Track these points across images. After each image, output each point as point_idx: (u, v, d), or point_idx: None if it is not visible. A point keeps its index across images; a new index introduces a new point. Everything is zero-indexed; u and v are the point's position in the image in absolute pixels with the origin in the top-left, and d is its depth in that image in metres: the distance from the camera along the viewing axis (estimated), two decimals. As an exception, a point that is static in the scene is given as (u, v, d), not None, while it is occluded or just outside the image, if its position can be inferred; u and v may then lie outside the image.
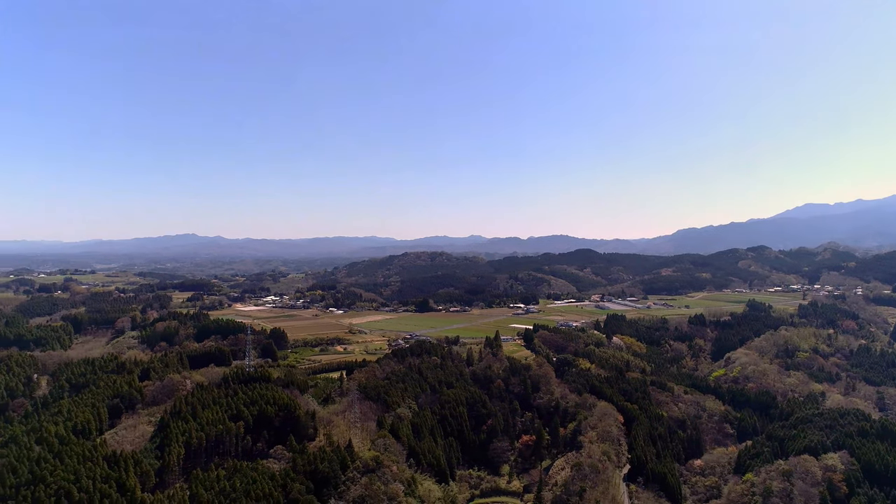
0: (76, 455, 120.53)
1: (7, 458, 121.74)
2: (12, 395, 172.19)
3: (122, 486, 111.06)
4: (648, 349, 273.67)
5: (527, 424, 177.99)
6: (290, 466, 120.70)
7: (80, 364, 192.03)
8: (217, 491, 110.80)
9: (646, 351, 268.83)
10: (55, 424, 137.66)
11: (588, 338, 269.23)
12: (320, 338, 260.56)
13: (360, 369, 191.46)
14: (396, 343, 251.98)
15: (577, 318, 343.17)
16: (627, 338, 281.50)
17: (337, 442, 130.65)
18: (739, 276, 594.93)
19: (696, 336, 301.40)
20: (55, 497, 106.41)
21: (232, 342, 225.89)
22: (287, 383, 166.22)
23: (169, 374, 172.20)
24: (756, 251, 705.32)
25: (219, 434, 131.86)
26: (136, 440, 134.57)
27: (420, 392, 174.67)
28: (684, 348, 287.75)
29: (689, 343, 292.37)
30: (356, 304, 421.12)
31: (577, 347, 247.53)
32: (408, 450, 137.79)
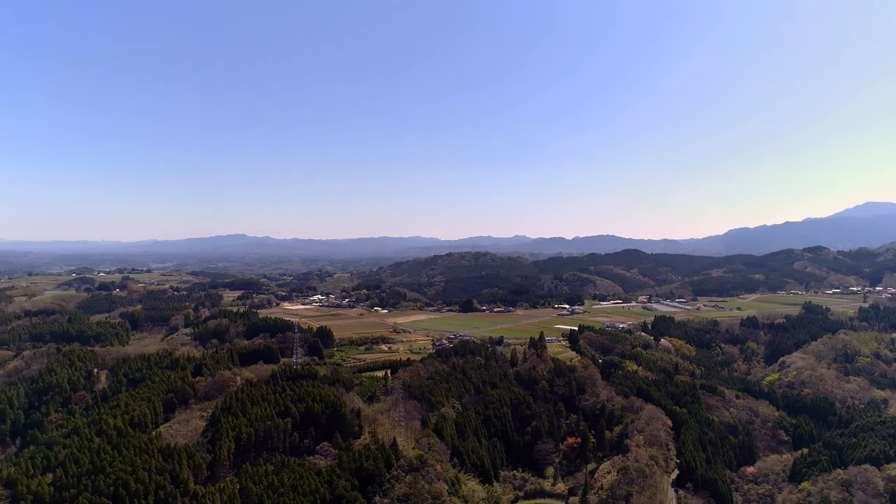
0: (133, 447, 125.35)
1: (70, 449, 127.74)
2: (74, 388, 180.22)
3: (176, 478, 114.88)
4: (698, 352, 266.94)
5: (572, 427, 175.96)
6: (335, 463, 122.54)
7: (136, 360, 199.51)
8: (266, 485, 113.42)
9: (695, 354, 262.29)
10: (114, 417, 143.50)
11: (635, 339, 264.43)
12: (365, 337, 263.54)
13: (404, 368, 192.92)
14: (440, 343, 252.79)
15: (624, 320, 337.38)
16: (676, 340, 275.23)
17: (382, 440, 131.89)
18: (795, 278, 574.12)
19: (749, 339, 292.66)
20: (114, 487, 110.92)
21: (280, 340, 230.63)
22: (333, 381, 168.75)
23: (220, 371, 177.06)
24: (813, 252, 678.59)
25: (267, 430, 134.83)
26: (188, 434, 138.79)
27: (464, 392, 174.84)
28: (736, 351, 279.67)
29: (741, 346, 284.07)
30: (400, 303, 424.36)
31: (624, 349, 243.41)
32: (452, 449, 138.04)
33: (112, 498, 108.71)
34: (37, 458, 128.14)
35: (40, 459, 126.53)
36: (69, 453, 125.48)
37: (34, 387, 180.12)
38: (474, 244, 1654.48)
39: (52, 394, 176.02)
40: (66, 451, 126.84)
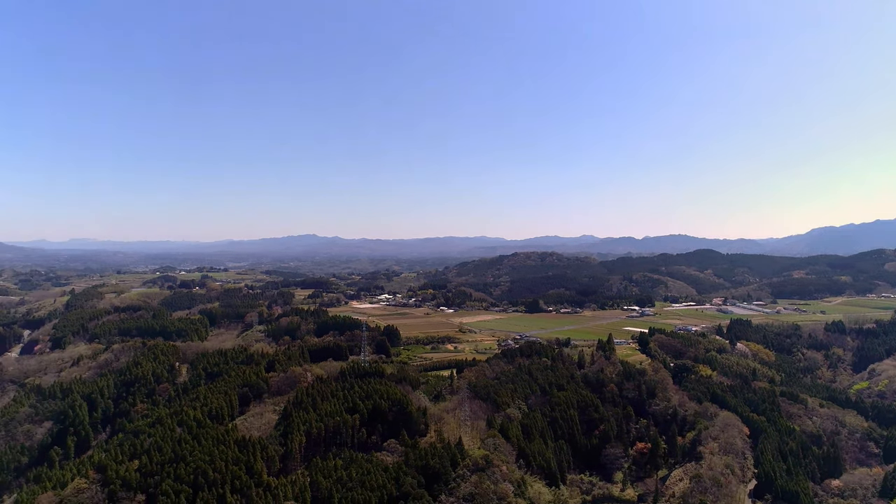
0: (211, 438, 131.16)
1: (154, 438, 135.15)
2: (158, 380, 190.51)
3: (251, 469, 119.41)
4: (778, 357, 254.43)
5: (641, 431, 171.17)
6: (402, 460, 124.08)
7: (214, 354, 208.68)
8: (335, 479, 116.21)
9: (774, 359, 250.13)
10: (194, 409, 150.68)
11: (709, 343, 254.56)
12: (431, 336, 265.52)
13: (469, 368, 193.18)
14: (506, 343, 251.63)
15: (697, 322, 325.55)
16: (753, 344, 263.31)
17: (447, 439, 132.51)
18: (886, 280, 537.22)
19: (834, 345, 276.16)
20: (193, 475, 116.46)
21: (348, 338, 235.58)
22: (400, 379, 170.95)
23: (291, 367, 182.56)
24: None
25: (336, 425, 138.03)
26: (262, 427, 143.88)
27: (530, 393, 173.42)
28: (819, 358, 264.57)
29: (826, 352, 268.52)
30: (466, 303, 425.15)
31: (697, 353, 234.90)
32: (517, 451, 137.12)
33: (192, 486, 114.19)
34: (124, 445, 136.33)
35: (128, 446, 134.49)
36: (153, 442, 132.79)
37: (122, 378, 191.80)
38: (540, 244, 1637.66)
39: (138, 385, 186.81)
40: (151, 440, 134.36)
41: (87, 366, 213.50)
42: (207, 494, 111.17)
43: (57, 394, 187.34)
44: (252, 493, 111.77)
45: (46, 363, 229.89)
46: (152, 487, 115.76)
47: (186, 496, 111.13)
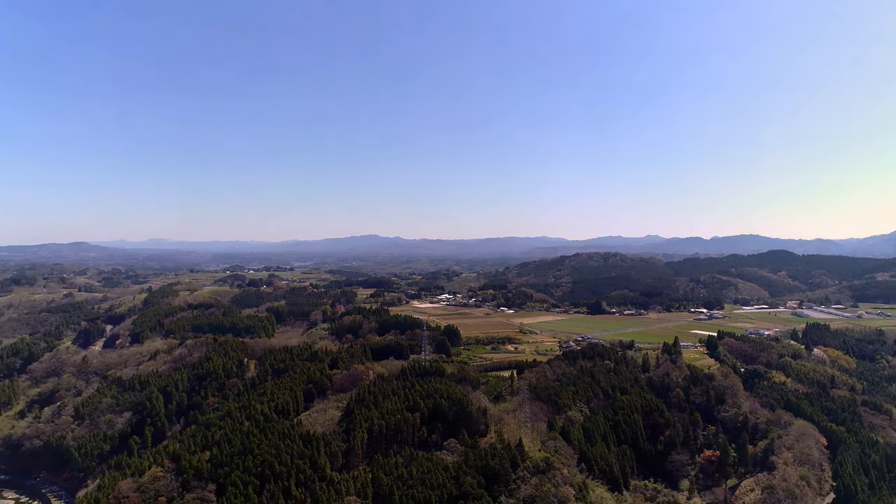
0: (277, 432, 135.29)
1: (224, 430, 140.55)
2: (228, 375, 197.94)
3: (315, 464, 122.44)
4: (859, 364, 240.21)
5: (709, 438, 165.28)
6: (462, 460, 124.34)
7: (280, 351, 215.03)
8: (395, 476, 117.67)
9: (856, 366, 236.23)
10: (261, 403, 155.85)
11: (783, 348, 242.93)
12: (491, 336, 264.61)
13: (530, 369, 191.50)
14: (567, 344, 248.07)
15: (770, 326, 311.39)
16: (832, 350, 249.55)
17: (507, 440, 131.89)
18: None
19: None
20: (260, 468, 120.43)
21: (409, 337, 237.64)
22: (460, 379, 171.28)
23: (354, 365, 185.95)
24: None
25: (397, 423, 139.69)
26: (326, 423, 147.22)
27: (592, 396, 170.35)
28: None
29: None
30: (527, 304, 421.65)
31: (770, 358, 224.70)
32: (579, 454, 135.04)
33: (259, 478, 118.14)
34: (197, 437, 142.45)
35: (200, 438, 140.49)
36: (223, 434, 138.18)
37: (195, 372, 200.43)
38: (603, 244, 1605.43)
39: (209, 379, 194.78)
40: (221, 432, 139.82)
41: (163, 360, 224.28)
42: (274, 487, 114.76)
43: (136, 386, 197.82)
44: (316, 487, 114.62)
45: (126, 357, 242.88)
46: (222, 478, 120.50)
47: (254, 488, 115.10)
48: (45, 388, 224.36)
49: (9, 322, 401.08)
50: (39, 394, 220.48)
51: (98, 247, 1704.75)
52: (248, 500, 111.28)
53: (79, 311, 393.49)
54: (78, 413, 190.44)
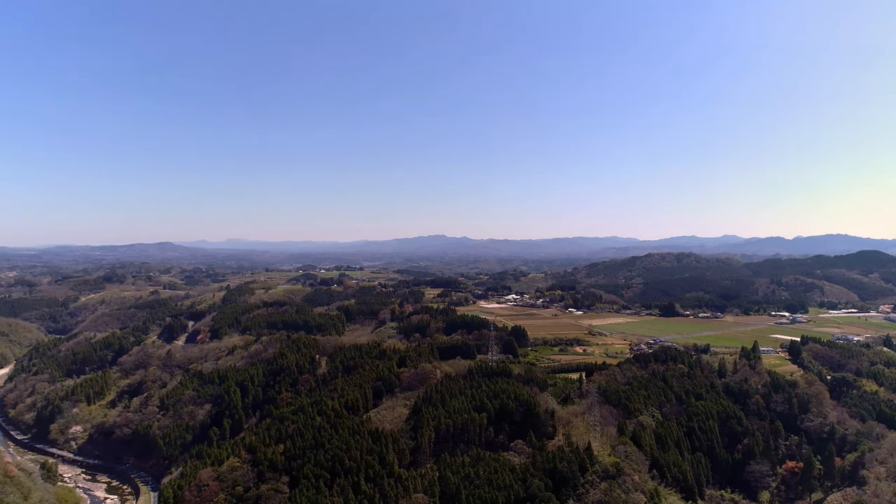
0: (347, 428, 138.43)
1: (297, 424, 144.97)
2: (301, 371, 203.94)
3: (383, 460, 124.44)
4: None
5: (792, 449, 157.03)
6: (529, 461, 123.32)
7: (350, 349, 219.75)
8: (462, 476, 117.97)
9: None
10: (332, 399, 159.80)
11: (875, 355, 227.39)
12: (559, 337, 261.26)
13: (599, 372, 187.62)
14: (638, 347, 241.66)
15: (860, 332, 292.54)
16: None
17: (576, 443, 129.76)
18: None
19: None
20: (331, 462, 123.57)
21: (476, 337, 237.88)
22: (527, 380, 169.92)
23: (421, 364, 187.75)
24: None
25: (464, 423, 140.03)
26: (394, 420, 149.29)
27: (664, 401, 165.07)
28: None
29: None
30: (596, 305, 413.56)
31: (860, 366, 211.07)
32: (650, 460, 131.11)
33: (330, 471, 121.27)
34: (271, 430, 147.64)
35: (274, 431, 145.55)
36: (296, 428, 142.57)
37: (269, 368, 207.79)
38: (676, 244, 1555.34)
39: (283, 375, 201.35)
40: (294, 426, 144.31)
41: (240, 355, 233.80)
42: (344, 481, 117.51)
43: (215, 379, 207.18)
44: (384, 484, 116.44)
45: (206, 351, 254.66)
46: (295, 470, 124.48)
47: (325, 481, 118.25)
48: (133, 379, 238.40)
49: (101, 317, 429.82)
50: (129, 385, 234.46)
51: (181, 247, 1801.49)
52: (320, 493, 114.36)
53: (164, 308, 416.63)
54: (163, 404, 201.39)
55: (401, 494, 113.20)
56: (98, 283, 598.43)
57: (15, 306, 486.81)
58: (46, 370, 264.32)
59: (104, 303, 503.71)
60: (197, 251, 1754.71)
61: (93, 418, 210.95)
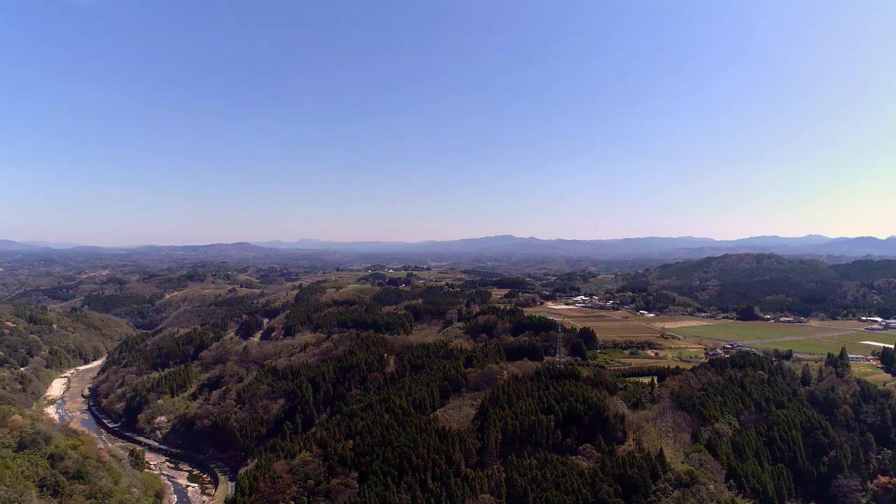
0: (414, 426, 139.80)
1: (366, 421, 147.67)
2: (369, 368, 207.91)
3: (450, 459, 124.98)
4: None
5: (885, 463, 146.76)
6: (598, 466, 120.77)
7: (418, 348, 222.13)
8: (530, 478, 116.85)
9: None
10: (399, 398, 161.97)
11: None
12: (630, 340, 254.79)
13: (672, 376, 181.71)
14: (714, 352, 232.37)
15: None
16: None
17: (647, 449, 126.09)
18: None
19: None
20: (399, 459, 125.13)
21: (543, 338, 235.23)
22: (596, 383, 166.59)
23: (488, 364, 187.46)
24: None
25: (531, 424, 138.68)
26: (460, 420, 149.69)
27: (742, 408, 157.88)
28: None
29: None
30: (668, 307, 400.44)
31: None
32: (727, 470, 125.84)
33: (398, 468, 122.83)
34: (341, 426, 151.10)
35: (344, 427, 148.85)
36: (365, 425, 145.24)
37: (339, 365, 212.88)
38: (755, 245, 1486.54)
39: (352, 372, 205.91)
40: (363, 423, 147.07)
41: (311, 352, 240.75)
42: (411, 479, 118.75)
43: (288, 375, 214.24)
44: (451, 483, 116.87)
45: (280, 348, 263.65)
46: (364, 466, 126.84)
47: (392, 478, 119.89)
48: (212, 373, 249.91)
49: (184, 313, 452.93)
50: (208, 378, 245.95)
51: (257, 247, 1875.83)
52: (388, 490, 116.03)
53: (240, 305, 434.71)
54: (240, 397, 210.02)
55: (467, 494, 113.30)
56: (181, 282, 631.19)
57: (107, 302, 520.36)
58: (134, 363, 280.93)
59: (186, 300, 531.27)
60: (271, 251, 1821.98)
61: (176, 409, 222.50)
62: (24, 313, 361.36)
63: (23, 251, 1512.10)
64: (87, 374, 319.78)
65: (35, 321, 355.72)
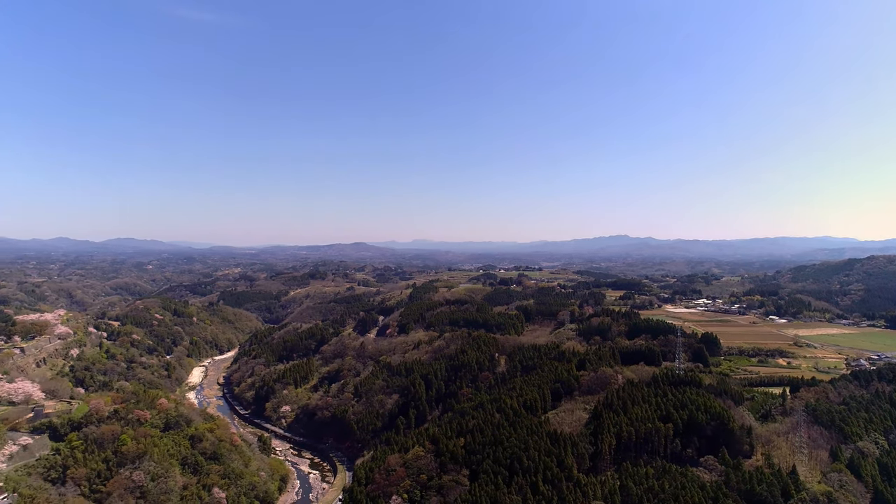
0: (525, 427, 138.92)
1: (477, 420, 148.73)
2: (480, 368, 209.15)
3: (562, 463, 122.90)
4: None
5: None
6: (721, 480, 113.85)
7: (529, 349, 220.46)
8: (645, 488, 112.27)
9: None
10: (510, 398, 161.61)
11: None
12: (758, 347, 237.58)
13: (807, 388, 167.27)
14: (857, 363, 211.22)
15: None
16: None
17: (777, 465, 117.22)
18: None
19: None
20: (509, 460, 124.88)
21: (661, 343, 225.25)
22: (719, 392, 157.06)
23: (602, 367, 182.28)
24: None
25: (648, 432, 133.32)
26: (573, 423, 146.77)
27: (892, 426, 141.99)
28: None
29: None
30: (803, 313, 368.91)
31: None
32: (872, 493, 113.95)
33: (508, 469, 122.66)
34: (453, 423, 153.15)
35: (455, 425, 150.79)
36: (476, 424, 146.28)
37: (451, 363, 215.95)
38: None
39: (464, 371, 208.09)
40: (474, 422, 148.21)
41: (424, 350, 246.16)
42: (522, 480, 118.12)
43: (402, 371, 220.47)
44: (563, 487, 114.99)
45: (395, 345, 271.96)
46: (475, 465, 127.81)
47: (503, 478, 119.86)
48: (332, 367, 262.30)
49: (306, 310, 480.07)
50: (328, 372, 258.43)
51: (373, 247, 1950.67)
52: (498, 490, 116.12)
53: (358, 303, 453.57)
54: (357, 391, 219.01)
55: (579, 500, 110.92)
56: (304, 279, 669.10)
57: (239, 298, 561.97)
58: (262, 355, 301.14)
59: (308, 297, 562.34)
60: (386, 251, 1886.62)
61: (299, 400, 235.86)
62: (170, 307, 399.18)
63: (169, 250, 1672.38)
64: (221, 364, 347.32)
65: (178, 314, 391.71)
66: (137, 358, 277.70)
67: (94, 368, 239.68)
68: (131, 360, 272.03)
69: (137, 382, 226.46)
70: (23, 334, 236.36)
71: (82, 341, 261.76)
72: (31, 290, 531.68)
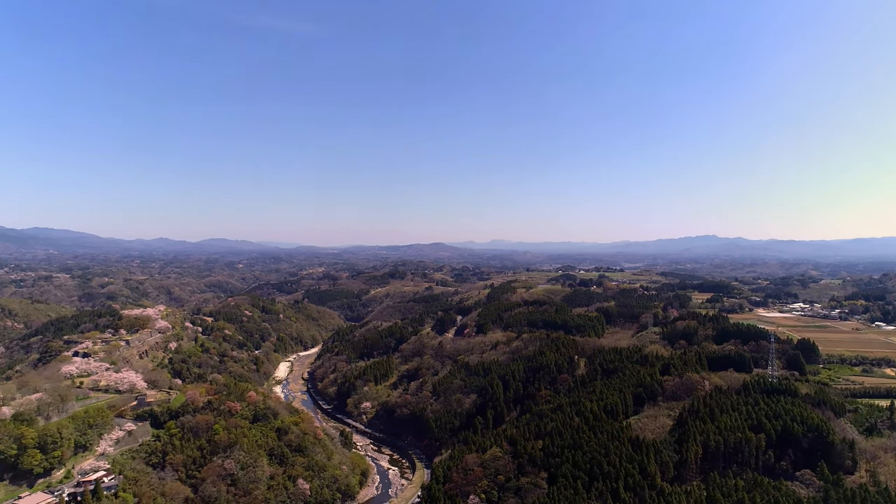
0: (606, 432, 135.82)
1: (555, 423, 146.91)
2: (559, 370, 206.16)
3: (644, 470, 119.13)
4: None
5: None
6: (820, 496, 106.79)
7: (610, 352, 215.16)
8: (735, 500, 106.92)
9: None
10: (590, 402, 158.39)
11: None
12: (862, 356, 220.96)
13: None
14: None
15: None
16: None
17: (885, 483, 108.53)
18: None
19: None
20: (589, 465, 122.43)
21: (752, 348, 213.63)
22: (818, 402, 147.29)
23: (687, 373, 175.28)
24: None
25: (737, 442, 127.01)
26: (656, 430, 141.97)
27: None
28: None
29: None
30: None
31: None
32: None
33: (588, 473, 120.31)
34: (531, 425, 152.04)
35: (533, 427, 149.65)
36: (555, 426, 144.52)
37: (529, 365, 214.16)
38: None
39: (542, 372, 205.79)
40: (553, 424, 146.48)
41: (502, 350, 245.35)
42: (602, 485, 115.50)
43: (480, 372, 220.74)
44: (645, 495, 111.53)
45: (472, 345, 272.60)
46: (553, 468, 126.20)
47: (582, 483, 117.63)
48: (411, 365, 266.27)
49: (387, 308, 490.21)
50: (407, 370, 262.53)
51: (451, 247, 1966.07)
52: (577, 495, 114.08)
53: (436, 302, 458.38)
54: (435, 390, 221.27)
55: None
56: (384, 279, 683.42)
57: (322, 296, 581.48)
58: (344, 352, 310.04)
59: (388, 296, 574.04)
60: (464, 251, 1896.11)
61: (379, 397, 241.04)
62: (259, 304, 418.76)
63: (257, 250, 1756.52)
64: (306, 360, 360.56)
65: (266, 311, 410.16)
66: (229, 352, 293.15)
67: (190, 361, 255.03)
68: (223, 353, 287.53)
69: (229, 375, 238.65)
70: (128, 328, 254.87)
71: (180, 335, 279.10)
72: (135, 287, 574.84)
